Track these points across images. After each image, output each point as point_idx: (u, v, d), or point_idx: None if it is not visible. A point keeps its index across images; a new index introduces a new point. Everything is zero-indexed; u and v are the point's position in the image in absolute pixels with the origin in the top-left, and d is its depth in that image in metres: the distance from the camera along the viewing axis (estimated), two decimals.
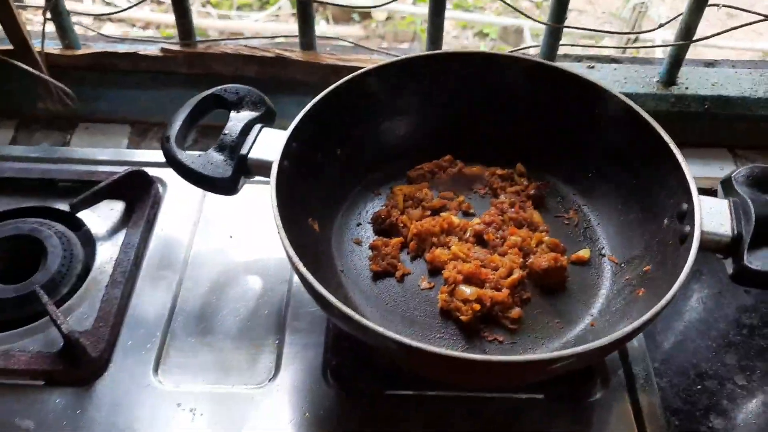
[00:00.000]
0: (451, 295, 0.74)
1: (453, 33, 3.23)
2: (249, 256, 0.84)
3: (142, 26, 2.70)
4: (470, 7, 3.52)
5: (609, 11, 3.58)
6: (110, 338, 0.74)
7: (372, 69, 0.80)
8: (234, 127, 0.75)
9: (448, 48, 1.08)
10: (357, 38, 3.04)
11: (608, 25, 3.52)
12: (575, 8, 3.55)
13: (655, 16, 3.00)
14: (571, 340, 0.72)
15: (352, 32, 3.29)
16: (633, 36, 3.21)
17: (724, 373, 0.83)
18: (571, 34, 3.31)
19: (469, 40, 3.22)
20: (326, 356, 0.74)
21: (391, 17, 3.26)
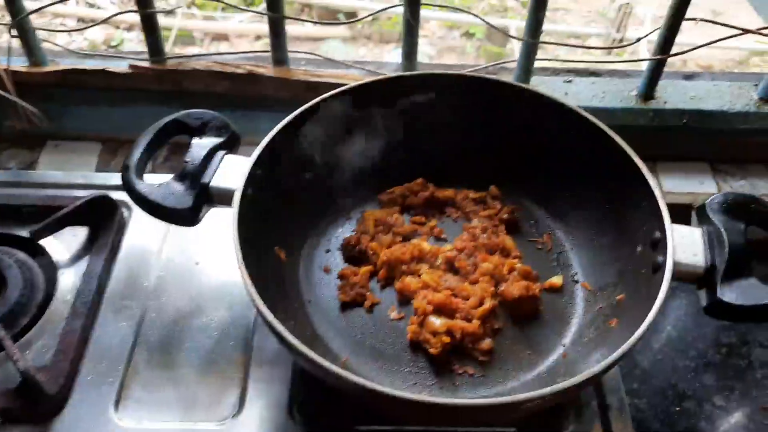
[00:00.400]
0: (421, 326, 0.72)
1: (439, 33, 3.21)
2: (215, 283, 0.82)
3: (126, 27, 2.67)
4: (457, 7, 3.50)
5: (595, 10, 3.57)
6: (70, 373, 0.72)
7: (338, 93, 0.79)
8: (196, 154, 0.72)
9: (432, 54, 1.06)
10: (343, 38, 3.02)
11: (594, 24, 3.51)
12: (562, 7, 3.54)
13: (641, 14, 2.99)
14: (543, 372, 0.70)
15: (338, 32, 3.27)
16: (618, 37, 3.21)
17: (703, 394, 0.83)
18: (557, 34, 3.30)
19: (456, 40, 3.20)
20: (292, 391, 0.72)
21: (377, 18, 3.24)
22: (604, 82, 1.07)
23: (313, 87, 1.03)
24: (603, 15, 3.43)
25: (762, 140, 1.06)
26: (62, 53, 1.10)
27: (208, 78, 1.04)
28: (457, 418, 0.63)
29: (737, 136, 1.05)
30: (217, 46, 3.04)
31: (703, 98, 1.04)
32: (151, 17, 1.01)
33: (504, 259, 0.78)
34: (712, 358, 0.87)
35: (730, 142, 1.07)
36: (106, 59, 1.08)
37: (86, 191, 0.88)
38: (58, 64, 1.07)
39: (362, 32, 3.07)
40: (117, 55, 1.09)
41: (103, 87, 1.06)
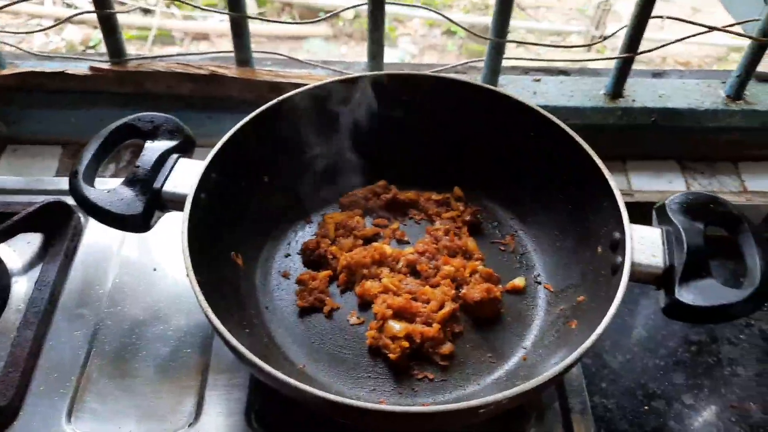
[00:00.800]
0: (380, 331, 0.71)
1: (421, 32, 3.21)
2: (173, 290, 0.80)
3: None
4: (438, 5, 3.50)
5: (576, 7, 3.58)
6: (21, 384, 0.70)
7: (297, 93, 0.77)
8: (147, 159, 0.71)
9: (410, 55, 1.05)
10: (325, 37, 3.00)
11: (574, 21, 3.52)
12: (544, 5, 3.55)
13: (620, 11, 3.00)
14: (503, 376, 0.69)
15: (319, 31, 3.25)
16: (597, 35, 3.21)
17: (672, 393, 0.82)
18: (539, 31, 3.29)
19: (437, 38, 3.19)
20: (250, 398, 0.70)
21: (359, 16, 3.23)
22: (573, 81, 1.06)
23: (277, 87, 1.02)
24: (582, 12, 3.44)
25: (730, 138, 1.05)
26: (22, 56, 1.08)
27: (171, 79, 1.02)
28: (415, 425, 0.62)
29: (706, 134, 1.05)
30: (197, 46, 3.01)
31: (672, 96, 1.03)
32: (110, 18, 0.99)
33: (466, 261, 0.77)
34: (681, 356, 0.86)
35: (699, 140, 1.06)
36: (66, 61, 1.06)
37: (43, 197, 0.86)
38: (17, 66, 1.05)
39: (344, 30, 3.05)
40: (78, 57, 1.07)
41: (62, 90, 1.04)
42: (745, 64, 1.00)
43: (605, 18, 3.09)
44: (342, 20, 3.27)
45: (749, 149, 1.08)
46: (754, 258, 0.64)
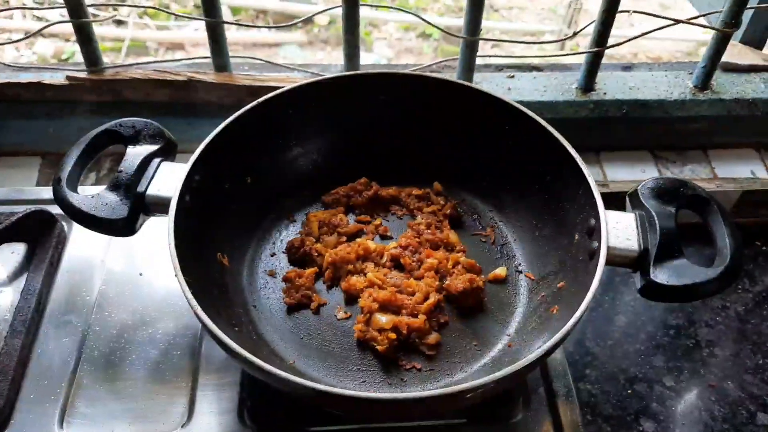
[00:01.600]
0: (367, 324, 0.72)
1: (396, 35, 3.23)
2: (160, 294, 0.81)
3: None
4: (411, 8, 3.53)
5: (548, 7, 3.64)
6: (11, 393, 0.70)
7: (276, 95, 0.78)
8: (130, 163, 0.72)
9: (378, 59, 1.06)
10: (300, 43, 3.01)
11: (547, 20, 3.57)
12: (517, 5, 3.59)
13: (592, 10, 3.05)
14: (489, 362, 0.71)
15: (295, 38, 3.26)
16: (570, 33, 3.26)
17: (653, 376, 0.84)
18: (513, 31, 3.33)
19: (413, 41, 3.22)
20: (242, 396, 0.71)
21: (334, 21, 3.25)
22: (546, 77, 1.09)
23: (256, 91, 1.03)
24: (554, 12, 3.49)
25: (699, 126, 1.09)
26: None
27: (149, 86, 1.03)
28: (405, 412, 0.63)
29: (675, 124, 1.08)
30: (172, 55, 3.00)
31: (641, 88, 1.06)
32: (85, 27, 0.99)
33: (448, 253, 0.79)
34: (660, 340, 0.89)
35: (669, 129, 1.09)
36: (41, 71, 1.06)
37: (24, 206, 0.87)
38: None
39: (319, 36, 3.06)
40: (54, 67, 1.07)
41: (40, 100, 1.04)
42: (710, 55, 1.03)
43: (577, 17, 3.14)
44: (317, 26, 3.28)
45: (718, 137, 1.11)
46: (723, 238, 0.66)
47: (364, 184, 0.86)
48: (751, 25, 1.12)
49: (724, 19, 0.97)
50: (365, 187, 0.86)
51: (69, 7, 0.96)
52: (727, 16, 0.97)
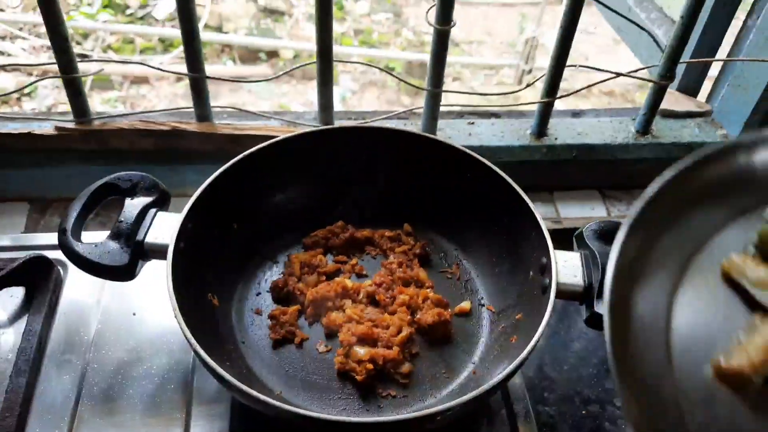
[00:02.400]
0: (347, 356, 0.79)
1: (360, 68, 3.34)
2: (153, 332, 0.87)
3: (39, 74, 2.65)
4: (375, 43, 3.65)
5: (506, 41, 3.80)
6: (18, 428, 0.75)
7: (259, 149, 0.86)
8: (129, 214, 0.78)
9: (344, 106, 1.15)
10: (264, 76, 3.09)
11: (506, 55, 3.72)
12: (475, 39, 3.74)
13: (549, 45, 3.21)
14: (456, 388, 0.79)
15: (259, 71, 3.33)
16: (527, 68, 3.41)
17: (605, 397, 0.92)
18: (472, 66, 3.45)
19: (377, 75, 3.33)
20: (233, 425, 0.78)
21: (298, 55, 3.34)
22: (503, 123, 1.19)
23: (236, 139, 1.10)
24: (513, 47, 3.65)
25: (642, 168, 1.20)
26: None
27: (134, 136, 1.09)
28: None
29: (621, 166, 1.19)
30: (137, 89, 3.05)
31: (589, 133, 1.17)
32: (75, 81, 1.06)
33: (418, 289, 0.87)
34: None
35: (615, 170, 1.20)
36: (28, 121, 1.12)
37: (18, 252, 0.92)
38: None
39: (284, 69, 3.15)
40: (40, 117, 1.13)
41: (28, 149, 1.10)
42: (649, 103, 1.15)
43: (533, 52, 3.30)
44: (282, 60, 3.37)
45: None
46: None
47: (341, 227, 0.94)
48: (686, 75, 1.25)
49: (661, 72, 1.09)
50: (342, 229, 0.94)
51: (60, 64, 1.03)
52: (663, 69, 1.08)
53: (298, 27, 3.60)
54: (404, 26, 3.69)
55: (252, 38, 3.38)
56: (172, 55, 3.12)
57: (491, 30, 3.77)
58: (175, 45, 3.19)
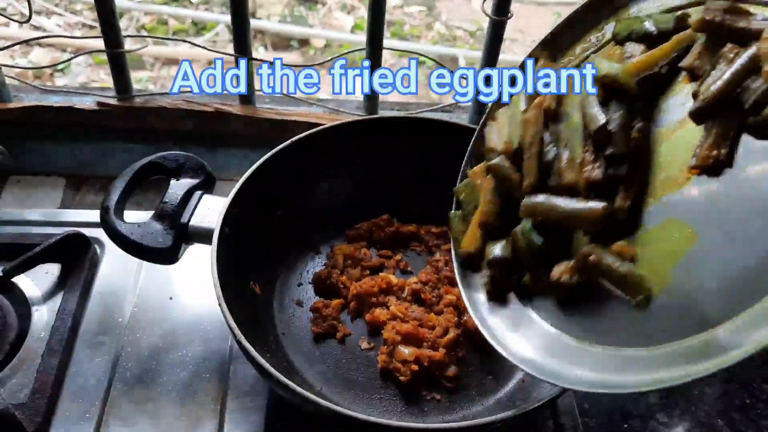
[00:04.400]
0: (391, 355, 0.76)
1: (390, 61, 3.31)
2: (189, 318, 0.84)
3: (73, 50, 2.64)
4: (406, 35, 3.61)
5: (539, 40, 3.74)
6: (47, 410, 0.73)
7: (305, 137, 0.83)
8: (174, 195, 0.76)
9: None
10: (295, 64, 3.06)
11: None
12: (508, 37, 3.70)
13: None
14: (503, 397, 0.76)
15: (290, 59, 3.31)
16: None
17: (647, 412, 0.89)
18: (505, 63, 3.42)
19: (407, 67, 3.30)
20: (268, 420, 0.75)
21: (329, 44, 3.31)
22: None
23: (278, 125, 1.08)
24: None
25: None
26: (26, 89, 1.11)
27: (176, 116, 1.07)
28: None
29: None
30: (168, 70, 3.04)
31: None
32: (120, 56, 1.03)
33: None
34: None
35: None
36: (69, 95, 1.10)
37: (55, 228, 0.90)
38: (22, 100, 1.08)
39: (314, 59, 3.12)
40: (81, 92, 1.11)
41: (67, 124, 1.08)
42: None
43: None
44: (314, 48, 3.35)
45: None
46: None
47: (386, 221, 0.90)
48: None
49: None
50: (387, 223, 0.90)
51: (105, 38, 1.01)
52: None
53: (330, 16, 3.57)
54: (437, 20, 3.65)
55: (285, 25, 3.36)
56: (206, 38, 3.11)
57: (524, 28, 3.71)
58: (207, 28, 3.18)
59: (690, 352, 0.48)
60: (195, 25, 3.33)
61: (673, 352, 0.50)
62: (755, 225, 0.48)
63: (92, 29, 2.68)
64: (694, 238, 0.52)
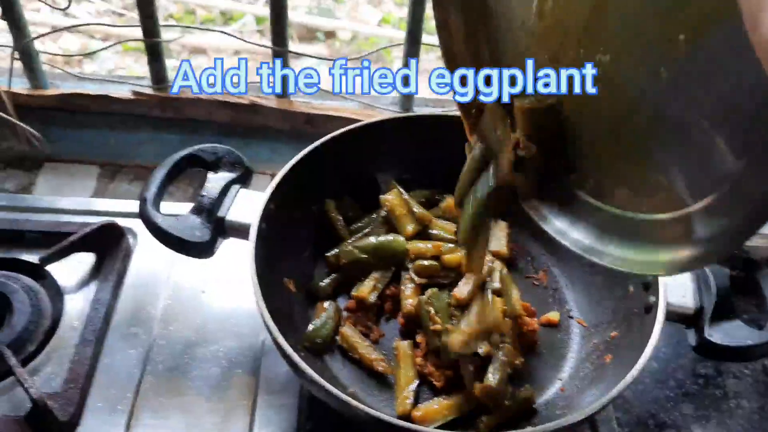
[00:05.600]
0: (425, 358, 0.75)
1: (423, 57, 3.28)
2: (222, 312, 0.84)
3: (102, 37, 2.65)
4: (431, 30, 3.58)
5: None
6: (80, 400, 0.73)
7: (343, 133, 0.82)
8: (212, 189, 0.75)
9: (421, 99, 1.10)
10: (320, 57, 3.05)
11: None
12: None
13: None
14: (542, 405, 0.74)
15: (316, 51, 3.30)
16: None
17: (681, 423, 0.87)
18: None
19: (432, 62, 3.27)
20: (300, 419, 0.74)
21: (356, 37, 3.29)
22: None
23: (312, 119, 1.07)
24: None
25: None
26: (62, 76, 1.11)
27: (212, 107, 1.06)
28: None
29: None
30: (195, 60, 3.04)
31: None
32: (157, 46, 1.03)
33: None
34: (689, 388, 0.91)
35: None
36: (105, 83, 1.10)
37: (90, 217, 0.90)
38: (59, 87, 1.08)
39: (340, 51, 3.11)
40: (117, 80, 1.10)
41: (103, 112, 1.08)
42: None
43: None
44: (339, 41, 3.33)
45: None
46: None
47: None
48: None
49: None
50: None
51: (144, 27, 1.00)
52: None
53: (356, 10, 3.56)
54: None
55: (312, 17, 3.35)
56: (232, 28, 3.11)
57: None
58: (234, 18, 3.18)
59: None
60: (223, 15, 3.33)
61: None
62: None
63: (120, 17, 2.69)
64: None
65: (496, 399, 0.69)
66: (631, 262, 0.51)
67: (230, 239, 0.78)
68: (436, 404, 0.70)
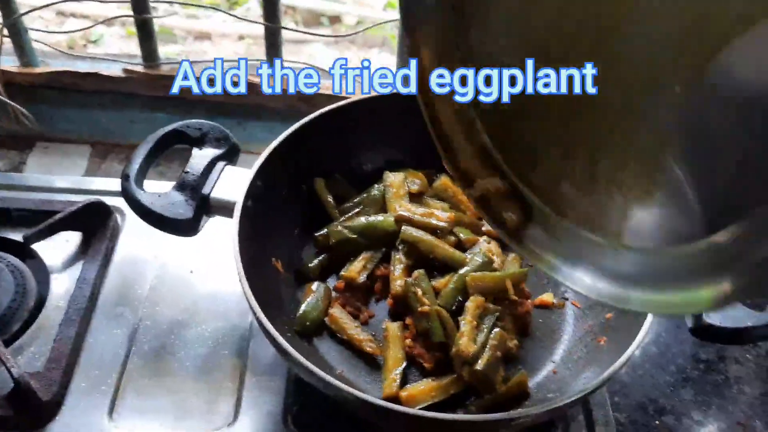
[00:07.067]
0: (415, 341, 0.73)
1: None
2: (209, 292, 0.82)
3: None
4: None
5: None
6: (63, 380, 0.72)
7: (332, 110, 0.79)
8: (196, 165, 0.73)
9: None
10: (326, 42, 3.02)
11: None
12: None
13: None
14: (534, 387, 0.72)
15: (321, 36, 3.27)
16: None
17: (682, 409, 0.85)
18: None
19: None
20: (287, 401, 0.73)
21: (361, 22, 3.26)
22: None
23: (306, 98, 1.05)
24: None
25: None
26: (53, 54, 1.09)
27: None
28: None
29: None
30: (199, 45, 3.02)
31: None
32: (147, 22, 1.01)
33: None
34: (690, 373, 0.89)
35: None
36: (96, 61, 1.08)
37: (77, 196, 0.88)
38: (49, 65, 1.07)
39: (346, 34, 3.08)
40: (108, 58, 1.09)
41: (94, 90, 1.06)
42: None
43: None
44: (345, 26, 3.30)
45: None
46: None
47: None
48: None
49: None
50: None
51: (133, 3, 0.98)
52: None
53: None
54: None
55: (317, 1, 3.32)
56: (236, 12, 3.08)
57: None
58: (240, 3, 3.15)
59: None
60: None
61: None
62: None
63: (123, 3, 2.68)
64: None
65: (486, 382, 0.67)
66: (672, 304, 0.47)
67: (217, 217, 0.76)
68: (423, 385, 0.69)
